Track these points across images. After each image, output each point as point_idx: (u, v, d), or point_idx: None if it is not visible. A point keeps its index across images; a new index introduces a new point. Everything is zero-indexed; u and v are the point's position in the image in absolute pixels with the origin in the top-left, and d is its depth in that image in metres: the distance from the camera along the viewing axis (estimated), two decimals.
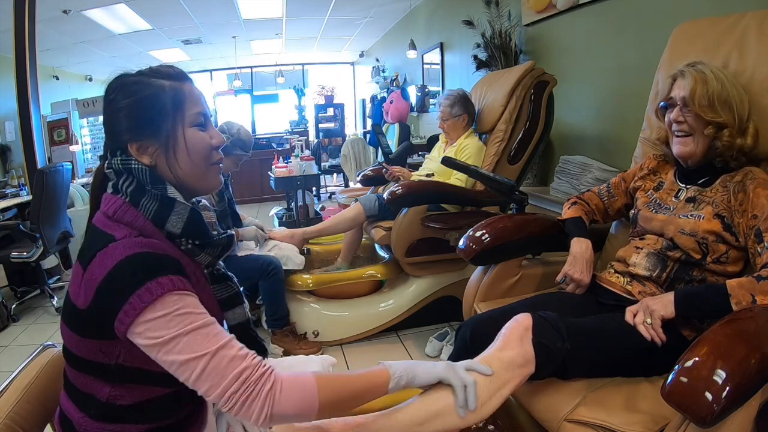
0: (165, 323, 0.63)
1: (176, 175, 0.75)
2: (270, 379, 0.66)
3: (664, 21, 1.87)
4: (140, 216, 0.72)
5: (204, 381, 0.64)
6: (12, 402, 0.80)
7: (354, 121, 9.16)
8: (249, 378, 0.65)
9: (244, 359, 0.66)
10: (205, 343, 0.64)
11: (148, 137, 0.73)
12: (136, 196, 0.72)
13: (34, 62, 3.27)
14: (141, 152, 0.74)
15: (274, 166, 3.80)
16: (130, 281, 0.63)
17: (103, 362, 0.69)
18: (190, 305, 0.66)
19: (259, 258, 2.06)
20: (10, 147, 4.72)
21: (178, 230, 0.74)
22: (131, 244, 0.66)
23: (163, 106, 0.73)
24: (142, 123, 0.73)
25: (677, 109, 1.09)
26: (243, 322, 0.84)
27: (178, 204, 0.74)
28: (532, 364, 0.89)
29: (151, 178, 0.73)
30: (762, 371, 0.71)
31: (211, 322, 0.67)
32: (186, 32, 5.83)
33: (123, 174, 0.73)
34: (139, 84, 0.74)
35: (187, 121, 0.75)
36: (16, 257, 2.74)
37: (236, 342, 0.68)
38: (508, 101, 2.16)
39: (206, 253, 0.78)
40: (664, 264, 1.09)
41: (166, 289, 0.64)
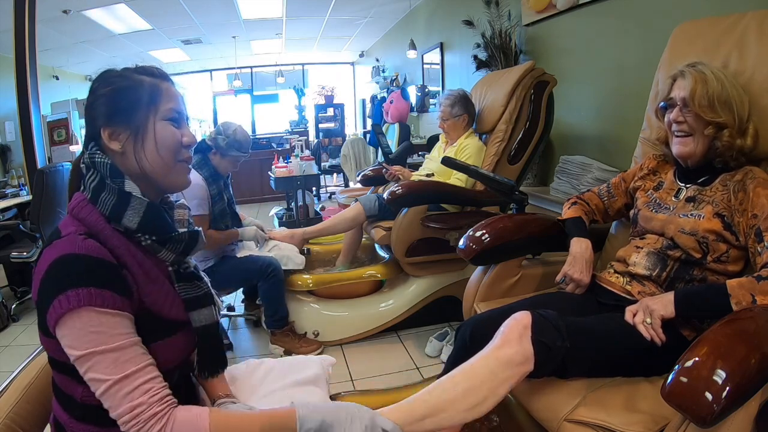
0: (78, 337, 0.64)
1: (142, 165, 0.76)
2: (161, 421, 0.66)
3: (664, 21, 1.87)
4: (95, 212, 0.73)
5: (104, 401, 0.66)
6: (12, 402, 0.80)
7: (354, 121, 9.17)
8: (140, 415, 0.65)
9: (144, 394, 0.66)
10: (110, 368, 0.64)
11: (120, 123, 0.75)
12: (97, 191, 0.74)
13: (34, 62, 3.27)
14: (112, 138, 0.75)
15: (274, 166, 3.80)
16: (54, 284, 0.64)
17: (65, 361, 0.68)
18: (105, 324, 0.65)
19: (258, 259, 2.06)
20: (10, 147, 4.72)
21: (134, 225, 0.73)
22: (68, 244, 0.67)
23: (139, 97, 0.76)
24: (116, 110, 0.75)
25: (677, 110, 1.09)
26: (208, 325, 0.82)
27: (134, 198, 0.74)
28: (530, 362, 0.89)
29: (111, 171, 0.74)
30: (762, 371, 0.71)
31: (126, 346, 0.66)
32: (186, 32, 5.83)
33: (90, 169, 0.75)
34: (120, 77, 0.77)
35: (160, 114, 0.77)
36: (16, 257, 2.73)
37: (145, 373, 0.67)
38: (509, 101, 2.16)
39: (168, 250, 0.77)
40: (664, 263, 1.09)
41: (82, 303, 0.63)
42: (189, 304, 0.79)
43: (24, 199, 3.61)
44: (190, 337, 0.80)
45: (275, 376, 0.97)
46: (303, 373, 0.97)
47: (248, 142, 2.10)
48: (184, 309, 0.79)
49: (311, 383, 0.96)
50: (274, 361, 1.03)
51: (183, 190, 0.83)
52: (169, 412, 0.67)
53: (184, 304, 0.79)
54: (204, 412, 0.69)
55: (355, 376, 1.92)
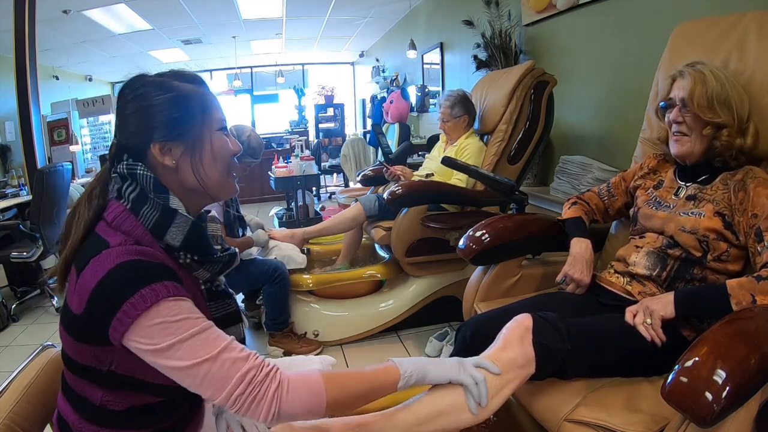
0: (162, 330, 0.62)
1: (200, 178, 0.74)
2: (276, 379, 0.66)
3: (664, 21, 1.87)
4: (139, 225, 0.70)
5: (208, 386, 0.64)
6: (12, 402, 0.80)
7: (354, 121, 9.16)
8: (254, 379, 0.64)
9: (247, 360, 0.65)
10: (205, 347, 0.63)
11: (175, 138, 0.72)
12: (138, 203, 0.71)
13: (34, 62, 3.27)
14: (164, 153, 0.72)
15: (274, 166, 3.80)
16: (122, 289, 0.62)
17: (96, 367, 0.68)
18: (186, 310, 0.65)
19: (264, 263, 2.05)
20: (10, 147, 4.72)
21: (177, 243, 0.72)
22: (124, 252, 0.65)
23: (192, 108, 0.73)
24: (170, 123, 0.72)
25: (676, 110, 1.09)
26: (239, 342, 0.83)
27: (179, 216, 0.72)
28: (532, 364, 0.89)
29: (154, 186, 0.72)
30: (762, 371, 0.71)
31: (210, 326, 0.66)
32: (186, 32, 5.83)
33: (127, 179, 0.72)
34: (161, 86, 0.73)
35: (214, 124, 0.75)
36: (16, 257, 2.73)
37: (237, 343, 0.67)
38: (509, 101, 2.16)
39: (205, 269, 0.76)
40: (664, 262, 1.09)
41: (160, 296, 0.62)
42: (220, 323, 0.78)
43: (24, 199, 3.60)
44: None
45: None
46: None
47: (261, 147, 2.07)
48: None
49: None
50: (273, 361, 1.02)
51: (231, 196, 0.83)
52: (279, 370, 0.67)
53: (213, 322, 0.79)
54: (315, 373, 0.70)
55: None
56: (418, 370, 0.78)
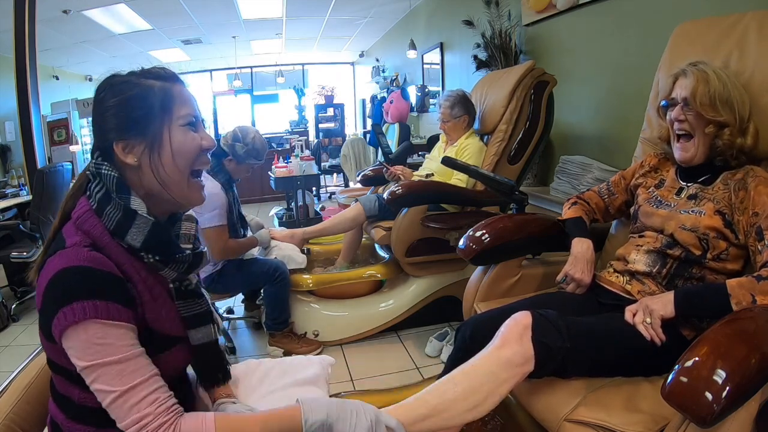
0: (84, 349, 0.64)
1: (160, 177, 0.73)
2: (167, 431, 0.66)
3: (664, 21, 1.87)
4: (100, 225, 0.71)
5: (111, 412, 0.65)
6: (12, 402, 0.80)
7: (354, 121, 9.16)
8: (147, 425, 0.65)
9: (149, 405, 0.66)
10: (116, 379, 0.64)
11: (134, 136, 0.72)
12: (103, 203, 0.71)
13: (34, 62, 3.27)
14: (126, 152, 0.73)
15: (274, 166, 3.81)
16: (59, 296, 0.64)
17: (65, 366, 0.69)
18: (111, 336, 0.65)
19: (265, 263, 2.05)
20: (10, 147, 4.72)
21: (138, 244, 0.72)
22: (73, 256, 0.65)
23: (150, 106, 0.72)
24: (128, 122, 0.72)
25: (678, 108, 1.09)
26: (208, 343, 0.81)
27: (139, 217, 0.72)
28: (531, 362, 0.89)
29: (117, 186, 0.72)
30: (762, 371, 0.71)
31: (130, 357, 0.66)
32: (186, 32, 5.83)
33: (96, 178, 0.73)
34: (128, 83, 0.73)
35: (175, 121, 0.74)
36: (16, 257, 2.73)
37: (151, 384, 0.67)
38: (509, 102, 2.16)
39: (170, 269, 0.76)
40: (664, 261, 1.09)
41: (87, 316, 0.63)
42: (188, 322, 0.79)
43: (24, 199, 3.60)
44: (187, 351, 0.80)
45: (275, 376, 0.97)
46: (303, 372, 0.97)
47: (265, 149, 2.07)
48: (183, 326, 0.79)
49: (311, 383, 0.95)
50: (273, 361, 1.03)
51: (196, 206, 0.81)
52: (175, 421, 0.67)
53: (182, 322, 0.78)
54: (209, 418, 0.69)
55: (355, 376, 1.92)
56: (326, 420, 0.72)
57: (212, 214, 1.84)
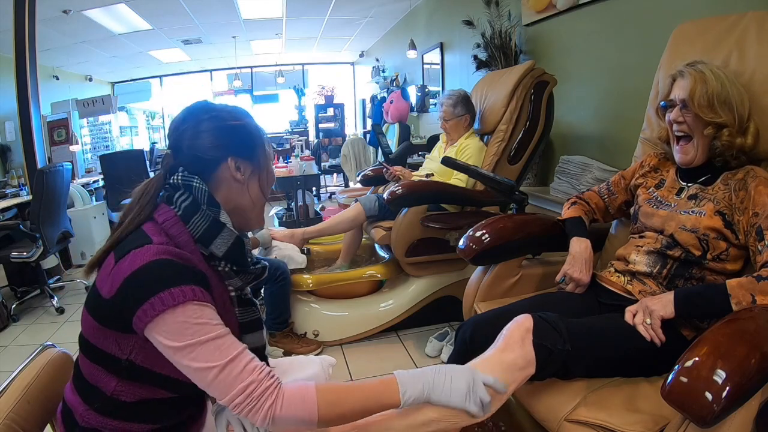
0: (182, 330, 0.67)
1: (254, 198, 0.84)
2: (272, 395, 0.69)
3: (664, 21, 1.87)
4: (186, 232, 0.76)
5: (214, 388, 0.69)
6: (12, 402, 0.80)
7: (354, 121, 9.17)
8: (253, 392, 0.68)
9: (251, 373, 0.69)
10: (216, 354, 0.68)
11: (246, 158, 0.83)
12: (189, 212, 0.77)
13: (34, 62, 3.27)
14: (237, 169, 0.82)
15: (274, 166, 3.80)
16: (155, 282, 0.67)
17: (115, 355, 0.71)
18: (207, 316, 0.69)
19: (266, 262, 2.05)
20: (10, 147, 4.72)
21: (221, 253, 0.78)
22: (163, 251, 0.70)
23: (261, 137, 0.86)
24: (242, 145, 0.82)
25: (677, 110, 1.09)
26: (259, 347, 0.87)
27: (226, 229, 0.79)
28: (532, 365, 0.89)
29: (208, 200, 0.79)
30: (762, 371, 0.71)
31: (225, 333, 0.70)
32: (186, 32, 5.83)
33: (180, 189, 0.78)
34: (233, 113, 0.83)
35: (269, 157, 0.88)
36: (16, 257, 2.73)
37: (247, 354, 0.71)
38: (509, 102, 2.15)
39: (239, 278, 0.83)
40: (664, 262, 1.09)
41: (187, 298, 0.67)
42: (244, 328, 0.84)
43: (24, 199, 3.60)
44: None
45: None
46: (303, 372, 0.97)
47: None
48: (239, 331, 0.83)
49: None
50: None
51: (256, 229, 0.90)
52: (278, 385, 0.71)
53: (239, 327, 0.83)
54: (311, 385, 0.73)
55: (355, 376, 1.92)
56: (422, 392, 0.76)
57: None
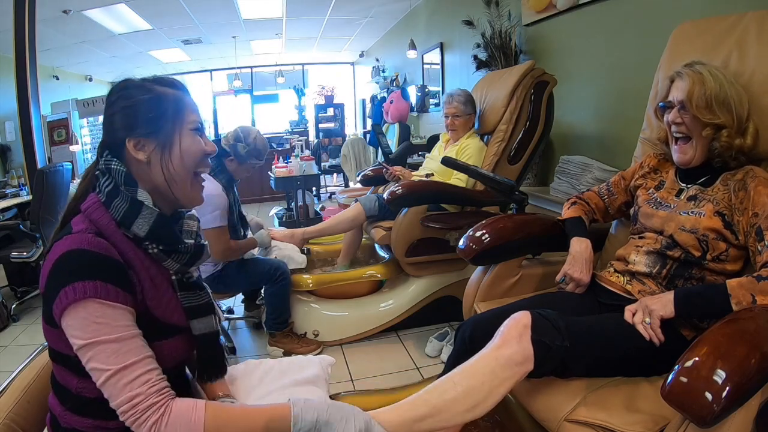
0: (82, 327, 0.66)
1: (168, 174, 0.79)
2: (157, 412, 0.68)
3: (664, 21, 1.87)
4: (107, 215, 0.75)
5: (104, 390, 0.68)
6: (12, 402, 0.80)
7: (354, 121, 9.16)
8: (138, 405, 0.67)
9: (141, 385, 0.68)
10: (111, 358, 0.67)
11: (147, 135, 0.77)
12: (111, 196, 0.76)
13: (34, 62, 3.27)
14: (138, 148, 0.78)
15: (274, 166, 3.81)
16: (62, 276, 0.67)
17: (65, 352, 0.71)
18: (109, 316, 0.68)
19: (266, 263, 2.05)
20: (10, 147, 4.72)
21: (143, 233, 0.76)
22: (77, 240, 0.69)
23: (164, 109, 0.78)
24: (143, 121, 0.77)
25: (675, 111, 1.09)
26: (208, 333, 0.84)
27: (145, 208, 0.76)
28: (530, 362, 0.89)
29: (125, 180, 0.77)
30: (762, 371, 0.71)
31: (127, 337, 0.69)
32: (186, 32, 5.83)
33: (105, 175, 0.78)
34: (142, 88, 0.79)
35: (185, 126, 0.80)
36: (16, 257, 2.73)
37: (145, 365, 0.69)
38: (509, 102, 2.16)
39: (173, 260, 0.80)
40: (664, 262, 1.09)
41: (87, 294, 0.66)
42: (190, 312, 0.82)
43: (24, 199, 3.61)
44: (188, 342, 0.82)
45: (274, 375, 0.98)
46: (302, 372, 0.97)
47: (266, 149, 2.06)
48: (185, 316, 0.82)
49: (310, 383, 0.96)
50: (273, 361, 1.03)
51: (196, 206, 0.86)
52: (166, 403, 0.69)
53: (185, 312, 0.81)
54: (200, 404, 0.71)
55: (355, 376, 1.92)
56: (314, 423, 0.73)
57: (213, 215, 1.84)
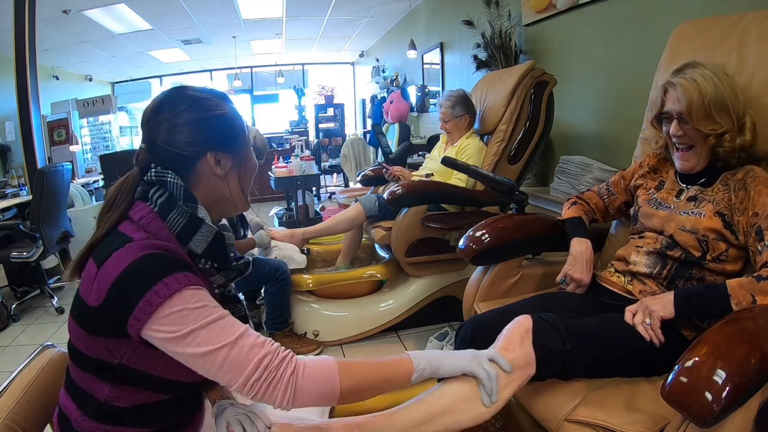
0: (183, 317, 0.65)
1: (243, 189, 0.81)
2: (291, 364, 0.68)
3: (664, 21, 1.87)
4: (165, 228, 0.73)
5: (226, 371, 0.66)
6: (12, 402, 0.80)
7: (354, 121, 9.17)
8: (270, 364, 0.67)
9: (263, 346, 0.68)
10: (223, 334, 0.66)
11: (227, 151, 0.78)
12: (166, 208, 0.73)
13: (34, 62, 3.27)
14: (217, 163, 0.77)
15: (274, 166, 3.81)
16: (146, 278, 0.64)
17: (106, 360, 0.69)
18: (205, 298, 0.68)
19: (266, 263, 2.05)
20: (10, 147, 4.72)
21: (200, 250, 0.75)
22: (148, 245, 0.68)
23: (240, 125, 0.80)
24: (227, 136, 0.78)
25: (675, 124, 1.07)
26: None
27: (205, 225, 0.75)
28: (533, 365, 0.89)
29: (184, 195, 0.75)
30: (762, 371, 0.71)
31: (227, 314, 0.69)
32: (186, 32, 5.83)
33: (155, 185, 0.75)
34: (211, 101, 0.77)
35: (249, 142, 0.82)
36: (16, 257, 2.73)
37: (252, 331, 0.70)
38: (509, 102, 2.16)
39: (221, 275, 0.80)
40: (664, 262, 1.09)
41: (183, 284, 0.65)
42: None
43: (24, 199, 3.61)
44: None
45: None
46: None
47: (266, 148, 2.08)
48: None
49: None
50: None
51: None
52: (294, 355, 0.70)
53: None
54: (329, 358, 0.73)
55: None
56: (432, 364, 0.79)
57: None
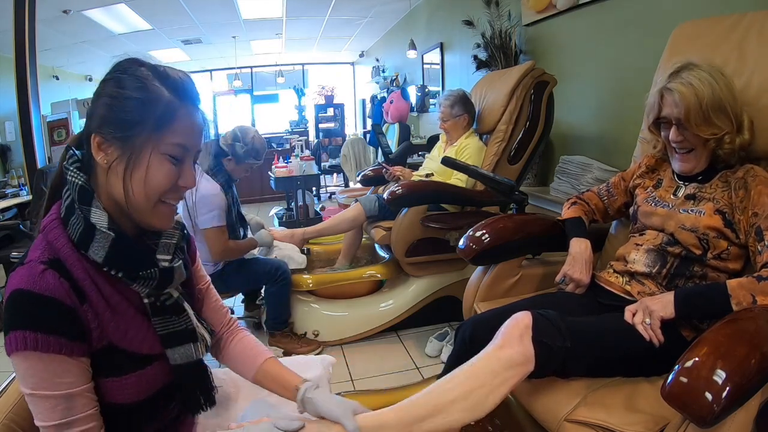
0: (24, 375, 0.63)
1: (127, 193, 0.66)
2: None
3: (664, 21, 1.87)
4: (64, 236, 0.66)
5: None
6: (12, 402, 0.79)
7: (354, 121, 9.17)
8: None
9: None
10: (49, 413, 0.63)
11: (115, 139, 0.65)
12: (69, 212, 0.67)
13: (34, 62, 3.27)
14: (101, 148, 0.66)
15: (274, 166, 3.81)
16: (9, 319, 0.62)
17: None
18: (49, 371, 0.62)
19: (266, 262, 2.05)
20: (10, 147, 4.72)
21: (100, 259, 0.66)
22: (26, 276, 0.62)
23: (145, 117, 0.65)
24: (117, 120, 0.65)
25: (674, 130, 1.07)
26: (187, 363, 0.74)
27: (98, 232, 0.66)
28: (531, 362, 0.89)
29: (79, 195, 0.66)
30: (762, 371, 0.71)
31: (68, 395, 0.63)
32: (186, 32, 5.83)
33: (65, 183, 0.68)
34: (139, 80, 0.66)
35: (161, 146, 0.66)
36: (16, 257, 2.72)
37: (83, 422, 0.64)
38: (509, 102, 2.16)
39: (139, 284, 0.70)
40: (664, 260, 1.09)
41: (28, 347, 0.60)
42: (164, 341, 0.73)
43: (24, 199, 3.61)
44: (168, 370, 0.75)
45: None
46: (305, 373, 0.96)
47: (264, 149, 2.07)
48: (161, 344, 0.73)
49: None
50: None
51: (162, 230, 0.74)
52: None
53: (160, 340, 0.73)
54: None
55: (355, 376, 1.92)
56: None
57: (211, 214, 1.84)
